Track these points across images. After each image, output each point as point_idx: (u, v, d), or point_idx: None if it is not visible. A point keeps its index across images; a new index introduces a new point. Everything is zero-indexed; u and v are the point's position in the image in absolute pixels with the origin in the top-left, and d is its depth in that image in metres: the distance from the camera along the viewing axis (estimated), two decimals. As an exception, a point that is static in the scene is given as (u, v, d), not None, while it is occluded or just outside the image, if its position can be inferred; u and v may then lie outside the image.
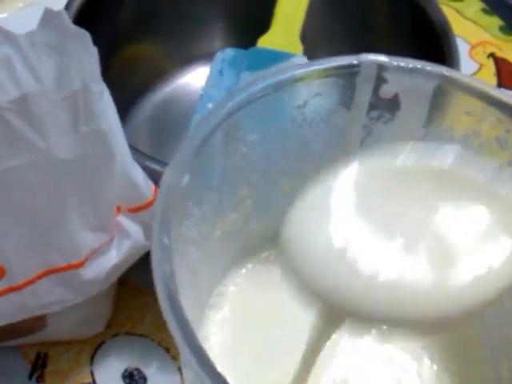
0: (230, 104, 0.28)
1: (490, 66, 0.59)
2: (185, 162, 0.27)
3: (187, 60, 0.56)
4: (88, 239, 0.35)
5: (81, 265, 0.35)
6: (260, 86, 0.29)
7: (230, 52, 0.48)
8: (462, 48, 0.58)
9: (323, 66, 0.31)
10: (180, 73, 0.56)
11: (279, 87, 0.30)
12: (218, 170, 0.31)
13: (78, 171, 0.33)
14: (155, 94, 0.55)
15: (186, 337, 0.24)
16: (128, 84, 0.52)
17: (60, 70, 0.31)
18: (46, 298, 0.35)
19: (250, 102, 0.29)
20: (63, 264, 0.34)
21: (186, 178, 0.27)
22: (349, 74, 0.31)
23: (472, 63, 0.59)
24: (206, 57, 0.54)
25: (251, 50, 0.47)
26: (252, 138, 0.32)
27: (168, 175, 0.27)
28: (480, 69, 0.59)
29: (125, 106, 0.52)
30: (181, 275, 0.26)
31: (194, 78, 0.56)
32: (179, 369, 0.40)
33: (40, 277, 0.34)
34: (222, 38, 0.57)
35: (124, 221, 0.37)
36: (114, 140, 0.34)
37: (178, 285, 0.24)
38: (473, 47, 0.60)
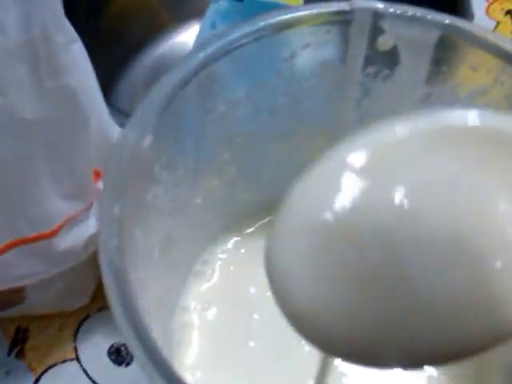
0: (202, 54, 0.25)
1: (508, 23, 0.56)
2: (148, 119, 0.24)
3: (186, 16, 0.53)
4: (61, 207, 0.32)
5: (53, 234, 0.32)
6: (237, 34, 0.26)
7: (223, 4, 0.44)
8: (479, 4, 0.56)
9: (310, 12, 0.28)
10: (178, 29, 0.53)
11: (260, 36, 0.27)
12: (193, 129, 0.28)
13: (47, 132, 0.30)
14: (150, 51, 0.52)
15: (133, 327, 0.21)
16: (123, 39, 0.49)
17: (18, 16, 0.28)
18: (17, 270, 0.33)
19: (226, 53, 0.26)
20: (33, 234, 0.32)
21: (149, 138, 0.24)
22: (341, 22, 0.28)
23: (488, 20, 0.56)
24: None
25: (247, 1, 0.43)
26: (233, 95, 0.29)
27: (125, 135, 0.24)
28: (497, 26, 0.56)
29: (118, 62, 0.49)
30: (144, 246, 0.24)
31: (193, 36, 0.52)
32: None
33: (9, 247, 0.32)
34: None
35: (102, 187, 0.34)
36: (86, 98, 0.31)
37: (132, 259, 0.22)
38: (490, 4, 0.58)
